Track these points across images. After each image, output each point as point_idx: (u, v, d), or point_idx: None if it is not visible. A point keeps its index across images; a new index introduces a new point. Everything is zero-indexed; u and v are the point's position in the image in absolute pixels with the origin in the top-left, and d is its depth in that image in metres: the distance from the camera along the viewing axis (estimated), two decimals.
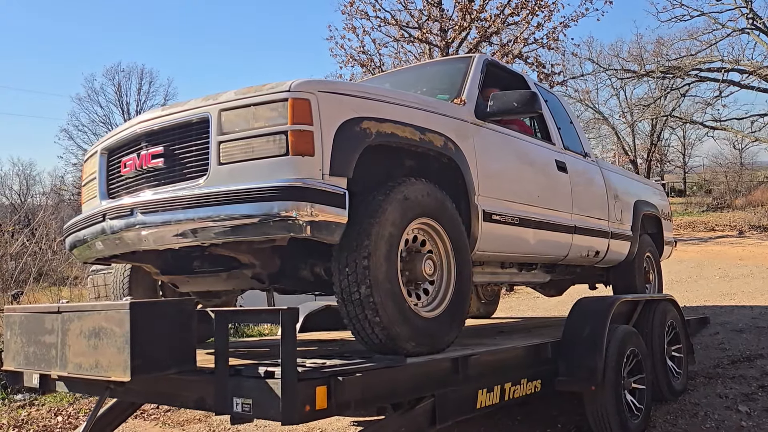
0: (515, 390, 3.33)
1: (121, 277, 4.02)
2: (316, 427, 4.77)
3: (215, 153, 2.76)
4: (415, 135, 3.19)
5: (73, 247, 3.45)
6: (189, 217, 2.70)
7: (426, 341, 2.96)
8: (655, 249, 6.32)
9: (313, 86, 2.78)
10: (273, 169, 2.65)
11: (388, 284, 2.80)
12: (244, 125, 2.73)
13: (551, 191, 4.46)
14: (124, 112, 40.35)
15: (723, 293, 9.03)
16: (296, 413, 2.15)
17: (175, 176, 2.91)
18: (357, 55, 17.85)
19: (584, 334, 3.73)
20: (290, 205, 2.56)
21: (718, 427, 4.00)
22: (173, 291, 3.90)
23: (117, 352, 2.17)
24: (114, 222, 2.99)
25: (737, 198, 29.00)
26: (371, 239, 2.77)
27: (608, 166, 5.86)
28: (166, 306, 2.37)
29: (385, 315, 2.76)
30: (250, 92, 2.78)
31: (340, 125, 2.80)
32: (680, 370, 4.71)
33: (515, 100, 3.77)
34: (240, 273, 3.25)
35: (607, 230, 5.22)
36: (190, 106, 2.92)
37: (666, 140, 40.05)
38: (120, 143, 3.22)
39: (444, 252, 3.25)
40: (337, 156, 2.75)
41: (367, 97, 3.06)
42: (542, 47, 17.04)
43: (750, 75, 25.41)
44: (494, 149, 3.91)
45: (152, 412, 5.61)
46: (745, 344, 5.96)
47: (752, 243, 16.30)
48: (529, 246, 4.16)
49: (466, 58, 4.45)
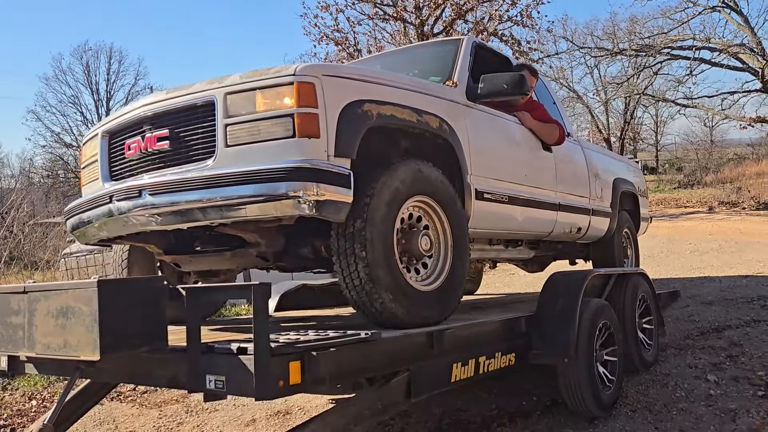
0: (490, 364, 3.36)
1: (119, 258, 4.05)
2: (295, 405, 4.79)
3: (222, 135, 2.83)
4: (413, 117, 3.31)
5: (75, 229, 3.48)
6: (198, 198, 2.78)
7: (424, 313, 3.12)
8: (632, 225, 6.54)
9: (317, 70, 2.87)
10: (280, 150, 2.74)
11: (385, 260, 2.93)
12: (250, 108, 2.81)
13: (537, 170, 4.59)
14: (93, 92, 39.53)
15: (693, 267, 9.22)
16: (270, 389, 2.14)
17: (180, 158, 2.97)
18: (331, 33, 17.67)
19: (557, 308, 3.77)
20: (298, 185, 2.66)
21: (688, 396, 4.10)
22: (173, 271, 3.99)
23: (86, 331, 2.13)
24: (122, 204, 3.04)
25: (707, 175, 29.54)
26: (369, 217, 2.89)
27: (589, 146, 6.02)
28: (135, 283, 2.33)
29: (383, 289, 2.90)
30: (255, 76, 2.84)
31: (344, 108, 2.90)
32: (651, 342, 4.80)
33: (505, 81, 3.87)
34: (245, 252, 3.33)
35: (588, 207, 5.39)
36: (194, 89, 2.96)
37: (639, 118, 40.55)
38: (122, 126, 3.25)
39: (441, 229, 3.38)
40: (341, 137, 2.85)
41: (367, 80, 3.16)
42: (517, 25, 17.00)
43: (720, 53, 25.66)
44: (484, 130, 4.02)
45: (129, 393, 5.58)
46: (714, 316, 6.10)
47: (721, 218, 16.65)
48: (517, 223, 4.30)
49: (455, 40, 4.52)
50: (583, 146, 5.65)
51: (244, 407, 4.89)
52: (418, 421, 4.22)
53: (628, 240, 6.50)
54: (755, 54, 24.72)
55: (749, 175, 27.36)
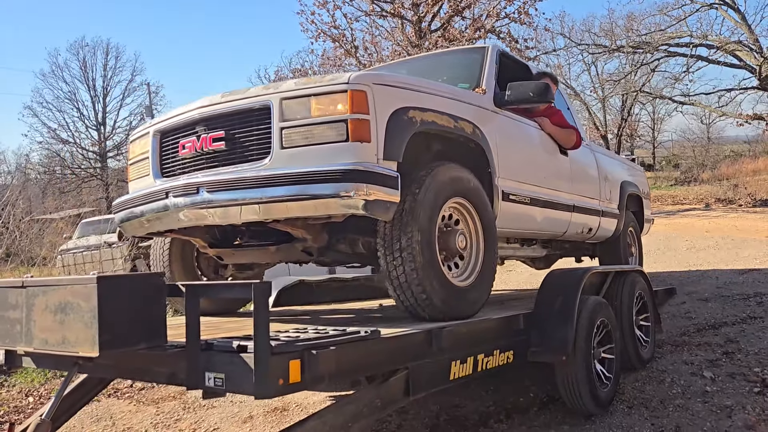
0: (488, 361, 3.36)
1: (160, 250, 4.28)
2: (292, 402, 4.79)
3: (277, 138, 3.02)
4: (451, 123, 3.53)
5: (125, 221, 3.67)
6: (256, 196, 2.97)
7: (460, 307, 3.35)
8: (637, 225, 6.92)
9: (368, 79, 3.08)
10: (333, 153, 2.94)
11: (428, 257, 3.15)
12: (304, 113, 3.00)
13: (555, 173, 4.88)
14: (90, 88, 39.38)
15: (690, 264, 9.24)
16: (270, 387, 2.14)
17: (235, 158, 3.16)
18: (328, 30, 17.63)
19: (556, 305, 3.78)
20: (351, 186, 2.86)
21: (684, 392, 4.11)
22: (209, 264, 4.29)
23: (84, 327, 2.12)
24: (179, 199, 3.22)
25: (704, 172, 29.58)
26: (415, 216, 3.11)
27: (599, 150, 6.36)
28: (135, 280, 2.32)
29: (425, 284, 3.12)
30: (310, 83, 3.05)
31: (391, 114, 3.10)
32: (648, 339, 4.82)
33: (531, 90, 4.11)
34: (290, 246, 3.55)
35: (599, 209, 5.70)
36: (251, 93, 3.15)
37: (636, 115, 40.53)
38: (174, 126, 3.44)
39: (474, 228, 3.61)
40: (389, 142, 3.06)
41: (412, 88, 3.37)
42: (514, 22, 17.00)
43: (717, 50, 25.70)
44: (509, 135, 4.27)
45: (126, 390, 5.58)
46: (711, 313, 6.12)
47: (718, 216, 16.68)
48: (536, 223, 4.58)
49: (480, 48, 4.83)
50: (594, 150, 5.94)
51: (241, 404, 4.89)
52: (415, 417, 4.23)
53: (633, 239, 6.82)
54: (752, 51, 24.76)
55: (746, 172, 27.41)
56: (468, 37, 16.44)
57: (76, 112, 39.10)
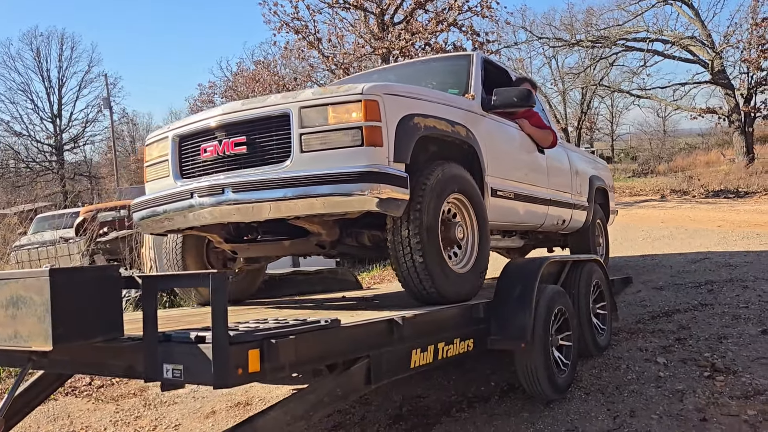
0: (449, 349, 3.40)
1: (174, 245, 4.47)
2: (255, 396, 4.77)
3: (297, 142, 3.28)
4: (448, 127, 3.85)
5: (144, 219, 3.89)
6: (279, 196, 3.24)
7: (461, 291, 3.70)
8: (603, 217, 7.46)
9: (379, 89, 3.37)
10: (349, 157, 3.22)
11: (434, 247, 3.48)
12: (322, 120, 3.28)
13: (534, 170, 5.30)
14: (44, 79, 38.32)
15: (646, 254, 9.48)
16: (228, 377, 2.13)
17: (256, 161, 3.40)
18: (291, 21, 17.48)
19: (515, 294, 3.84)
20: (366, 186, 3.15)
21: (639, 378, 4.23)
22: (217, 257, 4.55)
23: (37, 321, 2.08)
24: (204, 199, 3.44)
25: (660, 164, 30.39)
26: (421, 211, 3.43)
27: (570, 147, 6.81)
28: (89, 272, 2.27)
29: (432, 271, 3.46)
30: (327, 93, 3.33)
31: (399, 121, 3.41)
32: (605, 327, 4.94)
33: (515, 95, 4.49)
34: (304, 240, 3.87)
35: (571, 202, 6.16)
36: (271, 102, 3.41)
37: (595, 108, 41.40)
38: (194, 131, 3.65)
39: (470, 221, 3.95)
40: (398, 146, 3.36)
41: (416, 97, 3.69)
42: (476, 15, 17.11)
43: (673, 45, 26.36)
44: (496, 136, 4.63)
45: (84, 388, 5.47)
46: (665, 300, 6.30)
47: (672, 206, 17.17)
48: (519, 216, 4.98)
49: (466, 55, 5.27)
50: (566, 148, 6.39)
51: (203, 399, 4.85)
52: (379, 408, 4.26)
53: (600, 230, 7.33)
54: (705, 46, 25.47)
55: (699, 164, 28.26)
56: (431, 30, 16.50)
57: (30, 104, 38.05)
